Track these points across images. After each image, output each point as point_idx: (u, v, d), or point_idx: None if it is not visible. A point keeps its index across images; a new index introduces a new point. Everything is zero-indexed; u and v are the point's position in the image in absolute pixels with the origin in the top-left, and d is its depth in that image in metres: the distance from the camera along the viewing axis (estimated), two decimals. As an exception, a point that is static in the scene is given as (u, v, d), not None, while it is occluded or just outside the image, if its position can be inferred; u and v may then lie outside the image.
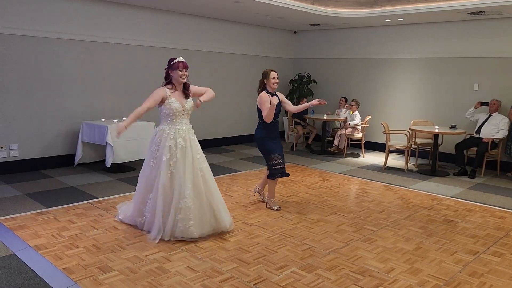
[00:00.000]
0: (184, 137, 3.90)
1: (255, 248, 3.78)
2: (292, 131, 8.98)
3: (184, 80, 3.95)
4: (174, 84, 3.96)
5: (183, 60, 3.92)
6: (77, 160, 6.45)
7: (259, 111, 4.67)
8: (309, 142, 8.95)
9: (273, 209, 4.83)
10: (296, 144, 8.94)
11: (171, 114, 3.88)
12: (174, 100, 3.88)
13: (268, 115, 4.51)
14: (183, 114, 3.94)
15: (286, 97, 9.94)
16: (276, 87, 4.71)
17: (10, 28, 5.87)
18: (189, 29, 8.12)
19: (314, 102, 4.69)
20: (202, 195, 3.88)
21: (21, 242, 3.73)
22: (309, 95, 9.84)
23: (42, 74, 6.25)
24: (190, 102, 4.00)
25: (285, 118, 9.69)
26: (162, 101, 3.87)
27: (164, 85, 3.97)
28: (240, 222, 4.42)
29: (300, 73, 10.02)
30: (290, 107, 4.92)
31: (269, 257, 3.59)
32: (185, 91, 4.00)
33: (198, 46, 8.27)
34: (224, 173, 6.60)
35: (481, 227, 4.51)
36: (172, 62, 3.90)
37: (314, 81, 9.84)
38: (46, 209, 4.63)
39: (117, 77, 7.13)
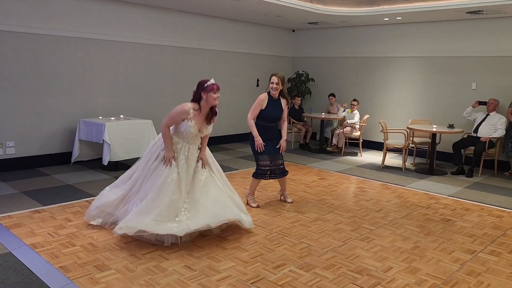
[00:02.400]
0: (190, 157, 3.87)
1: (252, 246, 3.77)
2: (289, 129, 8.96)
3: (217, 103, 3.82)
4: (201, 106, 3.79)
5: (215, 82, 3.79)
6: (74, 158, 6.42)
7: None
8: (307, 141, 8.94)
9: (251, 206, 4.84)
10: (301, 142, 8.95)
11: (185, 134, 3.81)
12: (194, 124, 3.77)
13: (249, 118, 4.63)
14: (196, 137, 3.89)
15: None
16: (276, 92, 4.62)
17: (6, 25, 5.83)
18: (187, 27, 8.09)
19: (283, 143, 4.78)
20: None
21: (17, 240, 3.71)
22: (307, 93, 9.83)
23: (38, 71, 6.22)
24: (210, 128, 3.93)
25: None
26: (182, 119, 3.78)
27: (191, 102, 3.80)
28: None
29: (298, 71, 10.00)
30: (282, 120, 4.83)
31: (267, 256, 3.58)
32: (211, 116, 3.89)
33: (196, 44, 8.25)
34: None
35: (478, 226, 4.51)
36: (206, 84, 3.74)
37: (312, 79, 9.83)
38: (43, 207, 4.61)
39: (114, 75, 7.10)
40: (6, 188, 5.29)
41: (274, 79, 4.59)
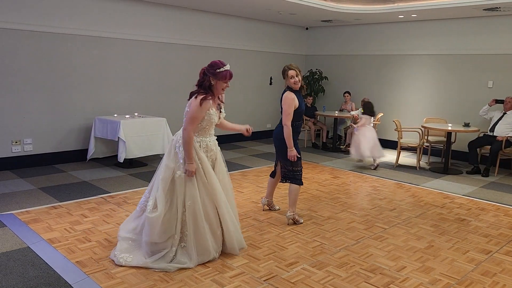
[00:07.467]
0: (213, 150, 3.51)
1: (265, 244, 3.79)
2: (302, 127, 8.93)
3: (223, 93, 3.50)
4: (212, 92, 3.38)
5: (230, 69, 3.37)
6: (89, 155, 6.51)
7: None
8: (324, 140, 8.80)
9: (300, 223, 4.31)
10: (313, 141, 8.87)
11: (207, 127, 3.39)
12: (214, 112, 3.37)
13: (288, 120, 4.09)
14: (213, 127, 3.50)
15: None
16: (299, 86, 4.11)
17: (23, 24, 5.93)
18: (201, 25, 8.12)
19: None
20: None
21: (35, 235, 3.79)
22: (321, 92, 9.80)
23: (55, 69, 6.32)
24: (223, 114, 3.57)
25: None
26: None
27: (203, 94, 3.31)
28: (251, 218, 4.43)
29: (311, 69, 9.97)
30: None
31: (280, 254, 3.60)
32: (220, 102, 3.53)
33: (210, 42, 8.28)
34: (235, 169, 6.62)
35: (494, 226, 4.46)
36: (218, 70, 3.32)
37: (326, 77, 9.79)
38: (59, 203, 4.69)
39: (129, 73, 7.18)
40: (24, 184, 5.40)
41: (292, 72, 4.08)
